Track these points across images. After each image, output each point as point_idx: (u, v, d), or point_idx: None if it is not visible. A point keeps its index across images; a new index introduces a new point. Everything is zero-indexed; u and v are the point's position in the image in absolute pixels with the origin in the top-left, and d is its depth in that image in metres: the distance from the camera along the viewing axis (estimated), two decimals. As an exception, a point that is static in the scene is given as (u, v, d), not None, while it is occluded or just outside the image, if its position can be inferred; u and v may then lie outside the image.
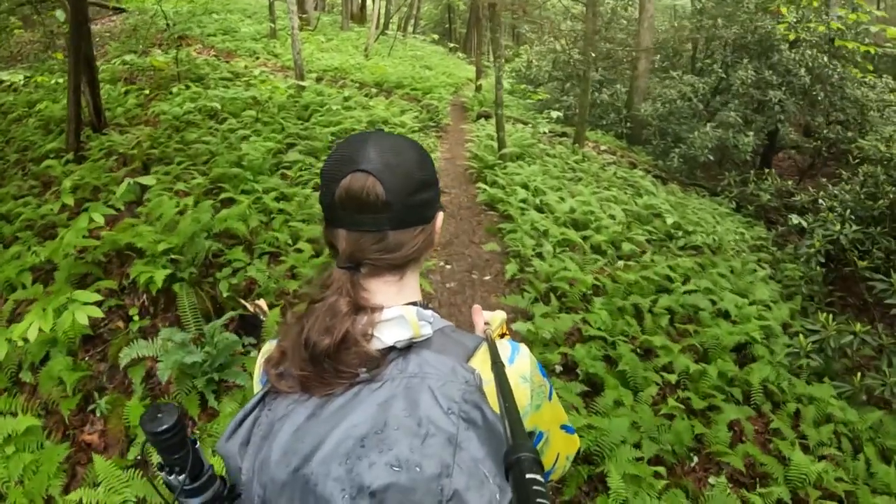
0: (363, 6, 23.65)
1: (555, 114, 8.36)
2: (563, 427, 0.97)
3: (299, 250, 4.32)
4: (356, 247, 0.80)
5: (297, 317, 0.81)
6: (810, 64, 10.74)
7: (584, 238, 5.40)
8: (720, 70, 11.96)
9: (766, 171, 10.62)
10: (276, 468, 0.71)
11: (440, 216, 0.90)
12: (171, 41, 11.96)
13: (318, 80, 10.66)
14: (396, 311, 0.78)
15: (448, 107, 12.70)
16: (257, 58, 12.14)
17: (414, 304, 0.83)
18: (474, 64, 14.49)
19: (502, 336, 1.05)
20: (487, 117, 10.94)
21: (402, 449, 0.66)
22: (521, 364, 0.86)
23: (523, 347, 0.89)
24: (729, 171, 10.72)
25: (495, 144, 7.82)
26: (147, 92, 8.80)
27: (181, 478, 0.75)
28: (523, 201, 5.96)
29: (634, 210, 6.99)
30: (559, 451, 0.96)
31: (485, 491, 0.65)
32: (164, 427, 0.72)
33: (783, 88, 11.16)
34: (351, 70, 11.91)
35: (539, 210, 5.93)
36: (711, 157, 10.57)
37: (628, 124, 12.36)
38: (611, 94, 12.61)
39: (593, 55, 9.31)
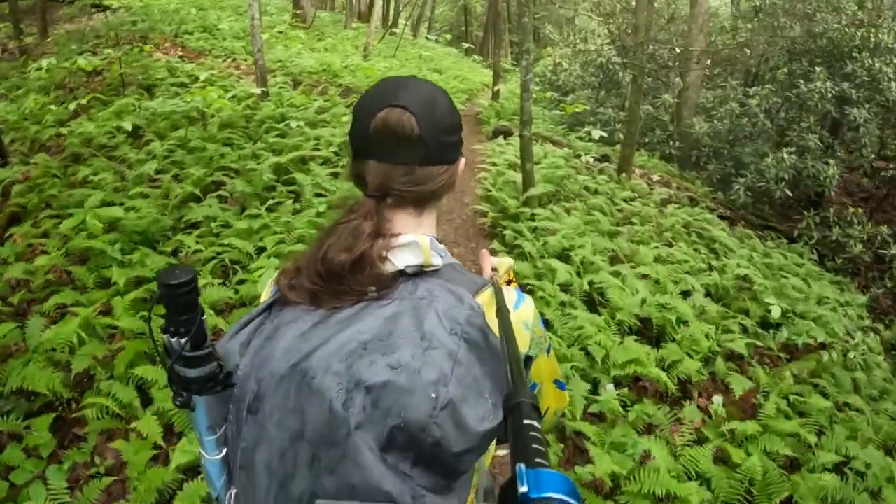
0: (371, 4, 21.59)
1: (596, 133, 6.27)
2: (556, 382, 0.98)
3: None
4: (386, 177, 0.82)
5: (318, 236, 0.82)
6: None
7: (666, 365, 3.29)
8: (788, 80, 9.79)
9: (852, 210, 8.42)
10: (276, 363, 0.72)
11: (462, 161, 0.93)
12: (135, 39, 10.11)
13: (296, 84, 8.65)
14: (412, 237, 0.81)
15: (459, 119, 10.64)
16: (232, 59, 10.16)
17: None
18: (492, 67, 12.31)
19: (508, 283, 1.06)
20: (506, 134, 8.83)
21: (404, 354, 0.67)
22: (525, 311, 0.89)
23: (528, 297, 0.92)
24: (807, 209, 8.52)
25: (518, 179, 5.71)
26: (74, 105, 6.82)
27: (183, 341, 0.74)
28: (565, 288, 3.86)
29: (715, 282, 4.87)
30: (550, 405, 0.98)
31: (479, 406, 0.66)
32: (180, 281, 0.72)
33: (867, 105, 8.99)
34: (341, 72, 9.88)
35: (590, 304, 3.83)
36: (790, 192, 8.36)
37: (677, 144, 10.17)
38: (656, 107, 10.43)
39: (648, 51, 7.16)
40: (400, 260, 0.78)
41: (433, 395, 0.64)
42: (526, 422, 0.53)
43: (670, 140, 10.21)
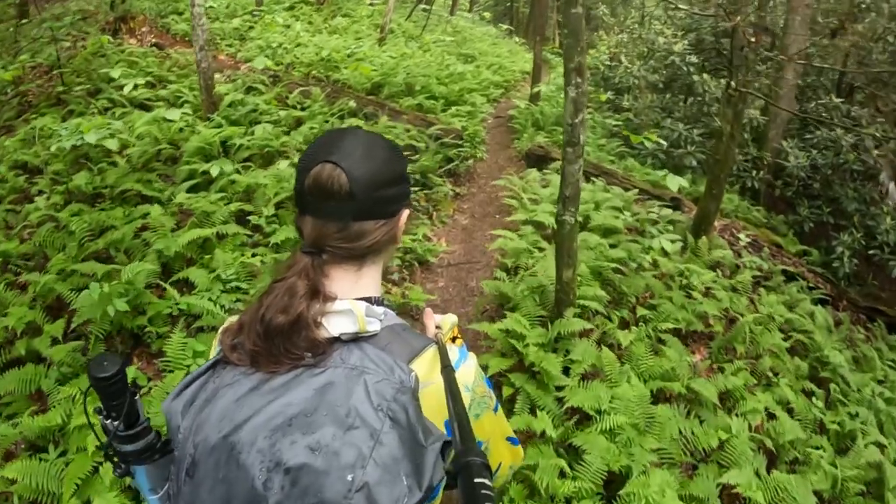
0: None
1: (675, 182, 4.25)
2: (509, 439, 0.98)
3: None
4: (319, 233, 0.84)
5: (259, 294, 0.83)
6: None
7: None
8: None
9: None
10: (209, 431, 0.73)
11: (405, 213, 0.91)
12: (108, 24, 8.48)
13: (274, 81, 6.87)
14: (346, 304, 0.80)
15: (486, 125, 8.71)
16: (216, 45, 8.44)
17: (368, 298, 0.85)
18: (534, 50, 10.06)
19: (453, 340, 1.02)
20: (545, 160, 6.88)
21: (325, 434, 0.67)
22: (465, 372, 0.88)
23: (471, 356, 0.92)
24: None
25: (544, 275, 3.87)
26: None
27: (116, 423, 0.80)
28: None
29: (834, 479, 3.08)
30: (502, 460, 0.96)
31: (395, 489, 0.66)
32: (108, 374, 0.77)
33: None
34: (343, 63, 8.03)
35: None
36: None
37: (761, 174, 8.02)
38: (752, 128, 8.23)
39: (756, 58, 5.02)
40: (334, 327, 0.78)
41: (349, 478, 0.64)
42: (477, 480, 0.56)
43: (754, 169, 8.06)
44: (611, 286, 4.12)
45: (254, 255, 3.44)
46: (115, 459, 0.85)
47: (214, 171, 4.06)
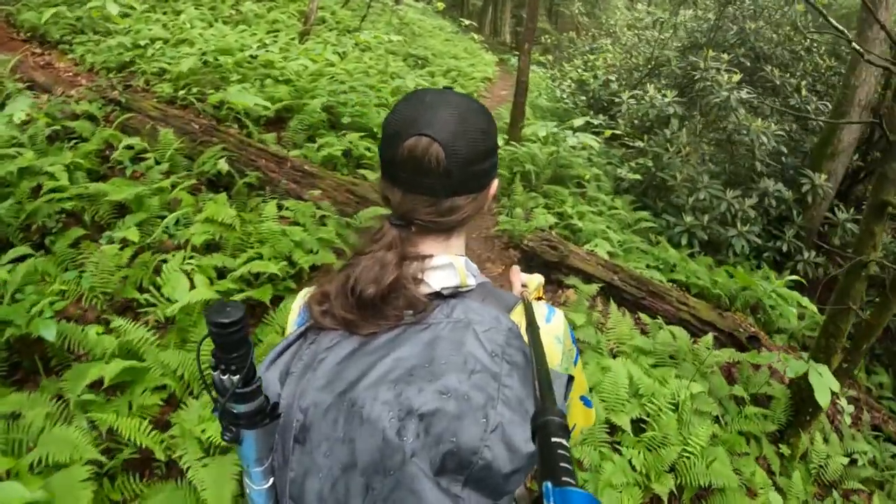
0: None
1: (827, 392, 1.95)
2: (582, 398, 0.94)
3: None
4: (410, 207, 0.79)
5: (343, 265, 0.80)
6: None
7: None
8: None
9: None
10: (319, 393, 0.71)
11: (495, 183, 0.86)
12: None
13: (114, 111, 4.13)
14: (447, 258, 0.79)
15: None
16: (45, 46, 5.46)
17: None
18: (519, 65, 6.99)
19: (539, 299, 1.02)
20: (555, 268, 4.30)
21: (450, 379, 0.65)
22: (556, 325, 0.86)
23: (559, 310, 0.88)
24: None
25: None
26: None
27: (235, 378, 0.71)
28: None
29: None
30: (577, 422, 0.93)
31: (526, 427, 0.64)
32: (231, 320, 0.68)
33: None
34: (231, 73, 5.27)
35: None
36: None
37: (811, 255, 5.84)
38: (799, 190, 5.98)
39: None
40: (435, 281, 0.76)
41: (483, 420, 0.63)
42: (554, 440, 0.52)
43: (814, 249, 5.87)
44: None
45: None
46: (226, 422, 0.74)
47: None
